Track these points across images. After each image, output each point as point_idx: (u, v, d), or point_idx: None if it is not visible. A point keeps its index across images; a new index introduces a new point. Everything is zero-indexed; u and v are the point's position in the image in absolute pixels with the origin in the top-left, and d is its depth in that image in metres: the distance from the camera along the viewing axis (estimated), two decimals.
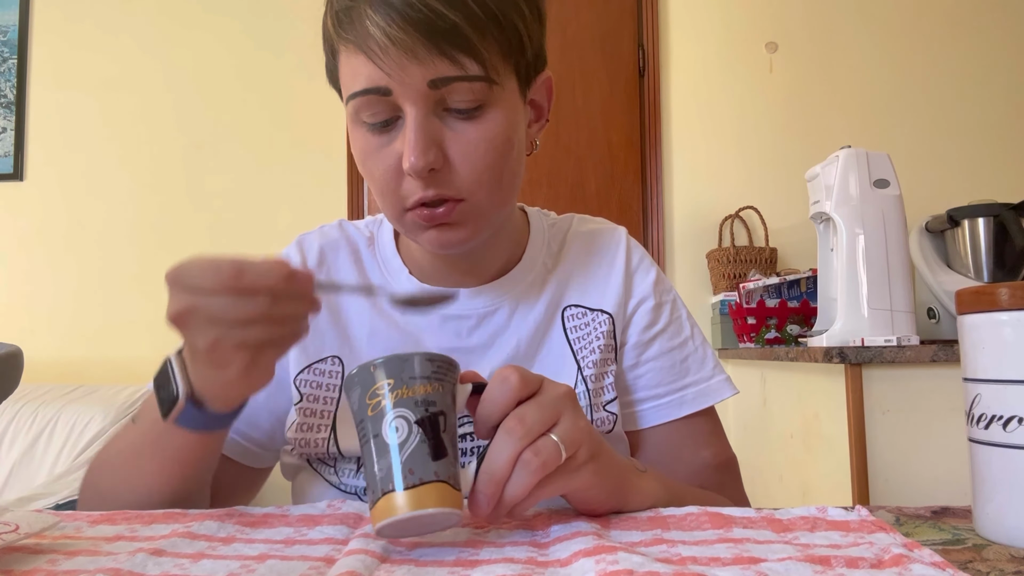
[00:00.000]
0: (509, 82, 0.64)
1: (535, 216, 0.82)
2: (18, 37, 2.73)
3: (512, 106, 0.65)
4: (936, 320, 1.89)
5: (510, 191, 0.68)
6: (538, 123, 0.73)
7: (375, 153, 0.64)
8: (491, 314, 0.75)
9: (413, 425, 0.46)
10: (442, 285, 0.75)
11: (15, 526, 0.45)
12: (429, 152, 0.60)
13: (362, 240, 0.80)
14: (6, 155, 2.70)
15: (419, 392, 0.47)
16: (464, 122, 0.62)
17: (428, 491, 0.45)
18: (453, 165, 0.62)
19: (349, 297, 0.76)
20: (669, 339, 0.78)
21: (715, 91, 2.58)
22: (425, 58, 0.58)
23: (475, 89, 0.61)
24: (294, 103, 2.64)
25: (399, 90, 0.60)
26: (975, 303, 0.48)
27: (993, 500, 0.47)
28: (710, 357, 0.80)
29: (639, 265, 0.80)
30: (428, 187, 0.62)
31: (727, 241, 2.48)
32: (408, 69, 0.59)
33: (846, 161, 1.65)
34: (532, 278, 0.77)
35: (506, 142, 0.64)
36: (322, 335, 0.74)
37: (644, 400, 0.77)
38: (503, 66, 0.63)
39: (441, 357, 0.49)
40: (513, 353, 0.74)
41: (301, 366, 0.73)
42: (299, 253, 0.78)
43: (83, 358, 2.62)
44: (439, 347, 0.73)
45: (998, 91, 2.52)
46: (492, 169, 0.64)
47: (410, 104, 0.60)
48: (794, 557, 0.43)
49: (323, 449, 0.71)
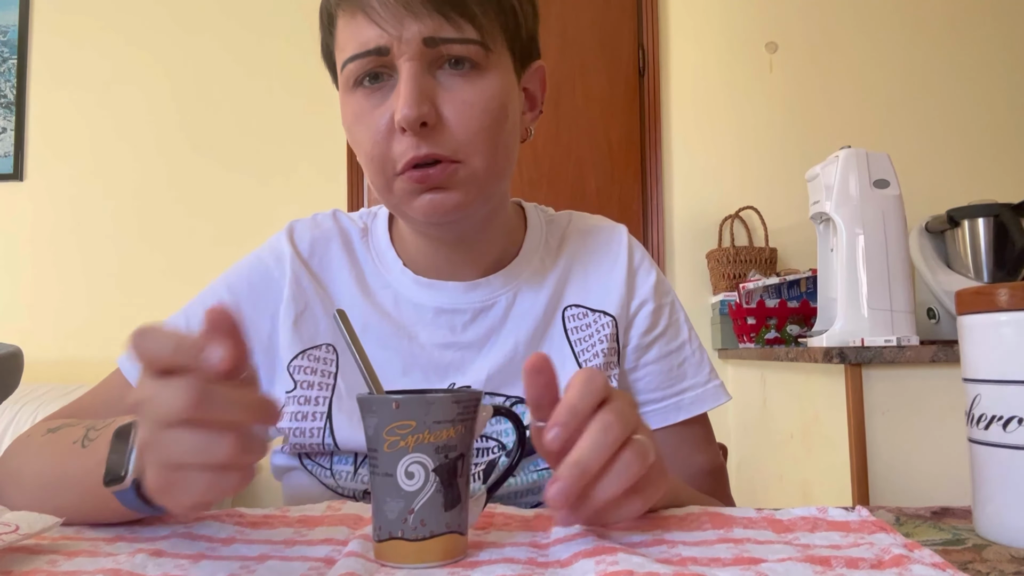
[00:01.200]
0: (504, 55, 0.65)
1: (532, 211, 0.81)
2: (18, 37, 2.73)
3: (507, 76, 0.65)
4: (936, 320, 1.89)
5: (505, 161, 0.67)
6: (532, 112, 0.73)
7: (367, 116, 0.63)
8: (487, 309, 0.73)
9: (430, 473, 0.44)
10: (436, 278, 0.73)
11: (15, 526, 0.45)
12: (423, 104, 0.60)
13: (355, 231, 0.78)
14: (6, 155, 2.70)
15: (442, 437, 0.44)
16: (459, 79, 0.62)
17: (437, 545, 0.44)
18: (447, 123, 0.62)
19: (342, 289, 0.74)
20: (667, 343, 0.78)
21: (715, 91, 2.58)
22: (423, 15, 0.60)
23: (471, 51, 0.62)
24: (294, 99, 2.64)
25: (396, 48, 0.60)
26: (975, 303, 0.48)
27: (993, 500, 0.47)
28: (706, 362, 0.79)
29: (640, 265, 0.79)
30: (420, 145, 0.61)
31: (727, 241, 2.48)
32: (406, 24, 0.60)
33: (846, 161, 1.65)
34: (530, 273, 0.76)
35: (500, 108, 0.64)
36: (316, 323, 0.72)
37: (641, 404, 0.76)
38: (498, 37, 0.64)
39: (468, 395, 0.46)
40: (512, 354, 0.72)
41: (295, 351, 0.71)
42: (289, 244, 0.75)
43: (83, 358, 2.62)
44: (430, 342, 0.72)
45: (998, 91, 2.52)
46: (487, 131, 0.63)
47: (405, 59, 0.61)
48: (794, 557, 0.43)
49: (318, 440, 0.69)
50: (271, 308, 0.72)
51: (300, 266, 0.74)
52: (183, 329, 0.68)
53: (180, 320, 0.72)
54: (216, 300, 0.71)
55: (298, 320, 0.72)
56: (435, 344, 0.72)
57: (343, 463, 0.70)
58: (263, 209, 2.62)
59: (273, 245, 0.76)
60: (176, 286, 2.43)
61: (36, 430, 0.63)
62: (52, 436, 0.60)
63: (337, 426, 0.69)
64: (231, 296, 0.72)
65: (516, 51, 0.67)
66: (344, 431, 0.69)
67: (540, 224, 0.80)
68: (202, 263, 2.53)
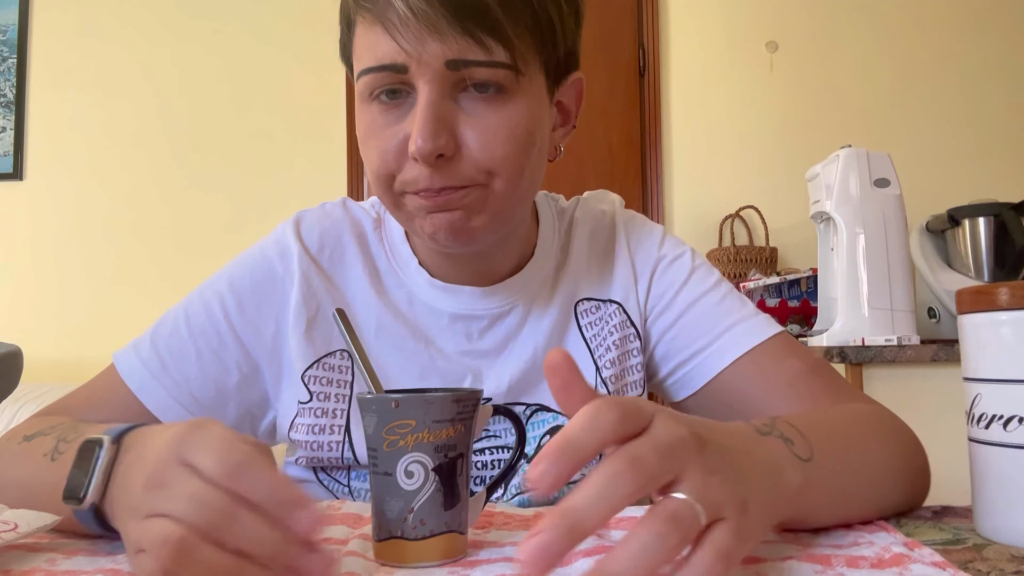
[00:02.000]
0: (536, 77, 0.59)
1: (543, 204, 0.77)
2: (18, 37, 2.73)
3: (537, 101, 0.60)
4: (936, 320, 1.89)
5: (529, 187, 0.62)
6: (564, 127, 0.68)
7: (380, 132, 0.59)
8: (504, 315, 0.70)
9: (430, 472, 0.43)
10: (452, 281, 0.70)
11: (14, 524, 0.45)
12: (439, 136, 0.55)
13: (368, 221, 0.73)
14: (6, 155, 2.70)
15: (441, 436, 0.43)
16: (483, 104, 0.57)
17: (437, 544, 0.44)
18: (466, 152, 0.57)
19: (356, 289, 0.70)
20: (698, 284, 0.72)
21: (715, 91, 2.58)
22: (447, 34, 0.54)
23: (499, 76, 0.56)
24: (292, 94, 2.64)
25: (415, 67, 0.55)
26: (975, 303, 0.48)
27: (993, 500, 0.47)
28: (747, 300, 0.73)
29: (638, 239, 0.75)
30: (434, 177, 0.57)
31: (727, 241, 2.47)
32: (427, 45, 0.54)
33: (846, 161, 1.65)
34: (544, 275, 0.72)
35: (527, 135, 0.59)
36: (330, 327, 0.68)
37: (699, 351, 0.70)
38: (532, 58, 0.58)
39: (468, 394, 0.45)
40: (531, 359, 0.69)
41: (309, 361, 0.67)
42: (296, 240, 0.70)
43: (83, 358, 2.61)
44: (447, 349, 0.69)
45: (999, 90, 2.51)
46: (509, 159, 0.58)
47: (424, 82, 0.55)
48: (795, 557, 0.43)
49: (336, 453, 0.66)
50: (275, 308, 0.69)
51: (309, 264, 0.69)
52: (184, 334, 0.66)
53: (180, 315, 0.68)
54: (218, 300, 0.68)
55: (310, 326, 0.68)
56: (452, 351, 0.69)
57: (361, 479, 0.68)
58: (263, 207, 2.62)
59: (279, 239, 0.71)
60: (176, 285, 2.42)
61: (14, 434, 0.61)
62: (25, 445, 0.58)
63: (356, 439, 0.66)
64: (233, 295, 0.68)
65: (551, 68, 0.61)
66: (363, 444, 0.65)
67: (552, 218, 0.76)
68: (203, 261, 2.53)
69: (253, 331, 0.68)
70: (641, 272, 0.74)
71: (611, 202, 0.79)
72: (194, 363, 0.67)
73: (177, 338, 0.67)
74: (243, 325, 0.68)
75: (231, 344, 0.67)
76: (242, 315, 0.68)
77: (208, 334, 0.67)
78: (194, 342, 0.67)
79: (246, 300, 0.69)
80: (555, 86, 0.63)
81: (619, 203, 0.79)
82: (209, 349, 0.67)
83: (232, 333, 0.68)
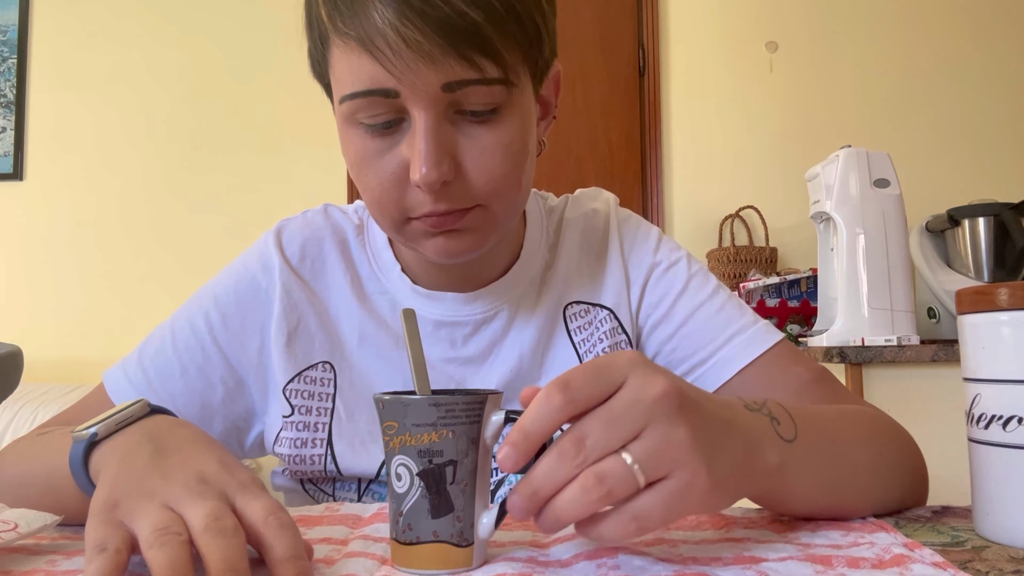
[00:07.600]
0: (525, 83, 0.59)
1: (531, 203, 0.75)
2: (18, 37, 2.73)
3: (527, 108, 0.60)
4: (936, 320, 1.89)
5: (525, 196, 0.63)
6: (545, 120, 0.67)
7: (374, 159, 0.57)
8: (488, 320, 0.69)
9: (415, 477, 0.42)
10: (437, 286, 0.69)
11: (14, 524, 0.45)
12: (443, 163, 0.54)
13: (350, 228, 0.72)
14: (6, 155, 2.70)
15: (423, 441, 0.42)
16: (479, 127, 0.56)
17: (423, 552, 0.42)
18: (466, 174, 0.57)
19: (337, 299, 0.70)
20: (695, 293, 0.71)
21: (715, 91, 2.58)
22: (440, 60, 0.52)
23: (492, 92, 0.55)
24: (292, 96, 2.64)
25: (408, 93, 0.53)
26: (975, 303, 0.48)
27: (993, 500, 0.47)
28: (746, 308, 0.72)
29: (632, 241, 0.74)
30: (439, 201, 0.56)
31: (727, 241, 2.48)
32: (420, 72, 0.52)
33: (846, 161, 1.65)
34: (531, 278, 0.71)
35: (522, 148, 0.59)
36: (311, 338, 0.68)
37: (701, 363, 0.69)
38: (521, 67, 0.57)
39: (451, 399, 0.42)
40: (517, 366, 0.68)
41: (291, 375, 0.67)
42: (278, 251, 0.69)
43: (83, 358, 2.61)
44: (431, 357, 0.68)
45: (999, 91, 2.52)
46: (508, 177, 0.58)
47: (420, 109, 0.54)
48: (795, 557, 0.43)
49: (319, 467, 0.66)
50: (260, 322, 0.68)
51: (290, 275, 0.69)
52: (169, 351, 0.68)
53: (166, 332, 0.69)
54: (203, 315, 0.68)
55: (291, 339, 0.68)
56: (435, 359, 0.68)
57: (346, 489, 0.67)
58: (263, 207, 2.62)
59: (260, 251, 0.71)
60: (176, 286, 2.42)
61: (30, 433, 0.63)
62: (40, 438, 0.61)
63: (339, 452, 0.66)
64: (217, 310, 0.68)
65: (537, 69, 0.61)
66: (346, 457, 0.66)
67: (540, 218, 0.74)
68: (203, 262, 2.53)
69: (238, 346, 0.68)
70: (634, 278, 0.73)
71: (605, 200, 0.77)
72: (179, 379, 0.67)
73: (163, 355, 0.68)
74: (228, 341, 0.68)
75: (216, 360, 0.68)
76: (227, 330, 0.68)
77: (193, 350, 0.68)
78: (179, 359, 0.68)
79: (230, 315, 0.68)
80: (539, 84, 0.63)
81: (613, 202, 0.77)
82: (194, 365, 0.67)
83: (216, 348, 0.68)
